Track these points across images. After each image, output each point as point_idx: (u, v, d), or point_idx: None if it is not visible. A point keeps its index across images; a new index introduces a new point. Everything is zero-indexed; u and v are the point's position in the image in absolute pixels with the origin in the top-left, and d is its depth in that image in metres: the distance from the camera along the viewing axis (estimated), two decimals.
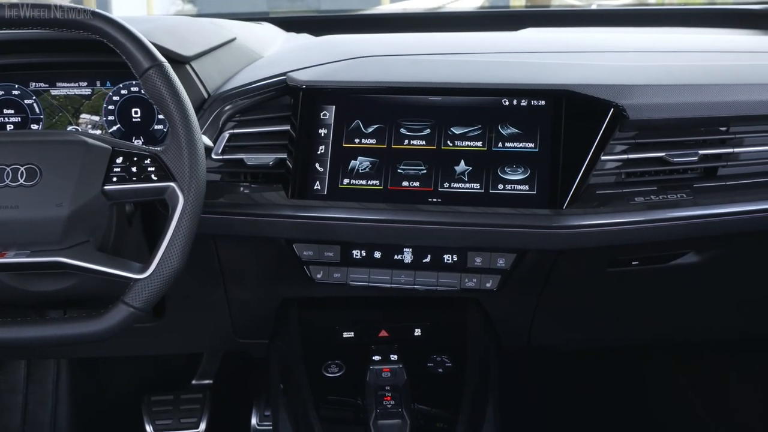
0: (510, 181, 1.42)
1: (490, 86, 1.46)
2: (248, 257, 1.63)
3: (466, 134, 1.44)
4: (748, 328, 1.95)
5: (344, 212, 1.45)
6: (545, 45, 1.76)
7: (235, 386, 2.42)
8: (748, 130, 1.49)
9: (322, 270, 1.55)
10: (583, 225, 1.40)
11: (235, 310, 1.75)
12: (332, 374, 1.56)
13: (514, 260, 1.50)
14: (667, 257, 1.59)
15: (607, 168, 1.46)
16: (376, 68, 1.56)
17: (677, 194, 1.45)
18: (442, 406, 1.52)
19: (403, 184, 1.44)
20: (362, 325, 1.67)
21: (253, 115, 1.52)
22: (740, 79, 1.51)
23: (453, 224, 1.43)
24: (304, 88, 1.48)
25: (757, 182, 1.49)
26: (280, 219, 1.46)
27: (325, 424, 1.48)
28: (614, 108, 1.41)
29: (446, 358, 1.59)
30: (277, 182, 1.49)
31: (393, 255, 1.53)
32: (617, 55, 1.66)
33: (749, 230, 1.49)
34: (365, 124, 1.46)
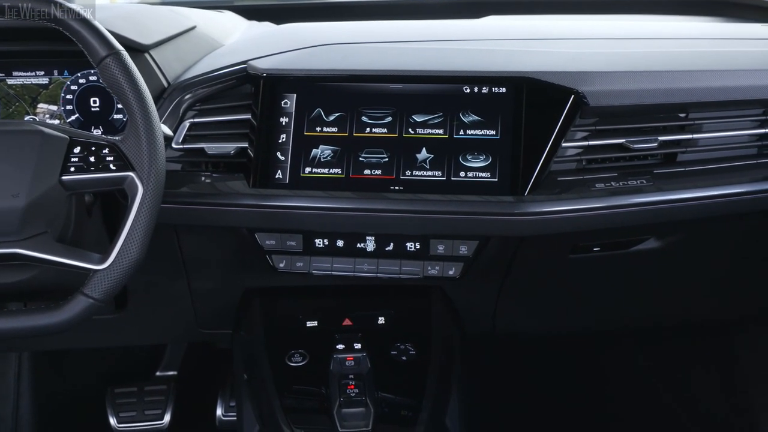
0: (472, 168, 1.42)
1: (451, 74, 1.46)
2: (210, 247, 1.62)
3: (427, 122, 1.44)
4: (710, 312, 1.97)
5: (306, 201, 1.44)
6: (507, 32, 1.77)
7: (200, 377, 2.40)
8: (706, 117, 1.50)
9: (285, 259, 1.55)
10: (544, 212, 1.41)
11: (197, 300, 1.74)
12: (296, 363, 1.55)
13: (477, 247, 1.51)
14: (628, 243, 1.61)
15: (568, 155, 1.47)
16: (338, 56, 1.56)
17: (637, 180, 1.46)
18: (405, 394, 1.52)
19: (365, 173, 1.44)
20: (326, 314, 1.67)
21: (214, 103, 1.51)
22: (699, 66, 1.53)
23: (415, 212, 1.43)
24: (264, 76, 1.47)
25: (715, 168, 1.51)
26: (241, 208, 1.45)
27: (288, 413, 1.48)
28: (574, 95, 1.41)
29: (410, 346, 1.59)
30: (238, 171, 1.48)
31: (356, 243, 1.52)
32: (578, 42, 1.67)
33: (708, 215, 1.51)
34: (326, 113, 1.46)
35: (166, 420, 2.25)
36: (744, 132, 1.53)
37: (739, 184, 1.50)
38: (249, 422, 1.58)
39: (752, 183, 1.51)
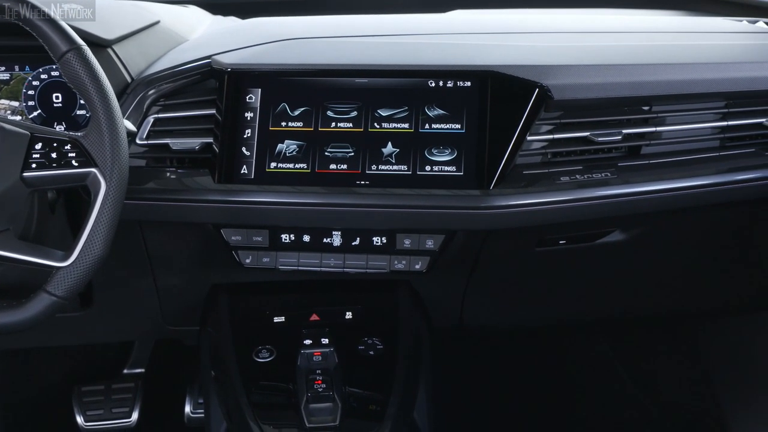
0: (437, 162, 1.42)
1: (416, 68, 1.46)
2: (176, 243, 1.61)
3: (393, 116, 1.44)
4: (674, 304, 1.99)
5: (272, 196, 1.43)
6: (472, 26, 1.77)
7: (168, 374, 2.39)
8: (669, 109, 1.52)
9: (251, 255, 1.54)
10: (509, 205, 1.42)
11: (164, 297, 1.72)
12: (263, 359, 1.55)
13: (443, 241, 1.51)
14: (593, 236, 1.62)
15: (533, 148, 1.47)
16: (303, 51, 1.55)
17: (602, 173, 1.47)
18: (373, 388, 1.52)
19: (331, 167, 1.43)
20: (293, 310, 1.66)
21: (178, 99, 1.49)
22: (663, 59, 1.54)
23: (381, 206, 1.43)
24: (229, 71, 1.46)
25: (679, 160, 1.52)
26: (207, 204, 1.44)
27: (256, 409, 1.47)
28: (539, 88, 1.42)
29: (377, 341, 1.59)
30: (203, 167, 1.47)
31: (322, 238, 1.52)
32: (543, 35, 1.68)
33: (672, 207, 1.52)
34: (292, 107, 1.45)
35: (133, 418, 2.23)
36: (707, 125, 1.55)
37: (702, 177, 1.52)
38: (216, 419, 1.58)
39: (715, 175, 1.53)
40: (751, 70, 1.54)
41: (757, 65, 1.56)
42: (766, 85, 1.54)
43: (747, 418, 2.20)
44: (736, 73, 1.53)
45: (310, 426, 1.42)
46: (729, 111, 1.55)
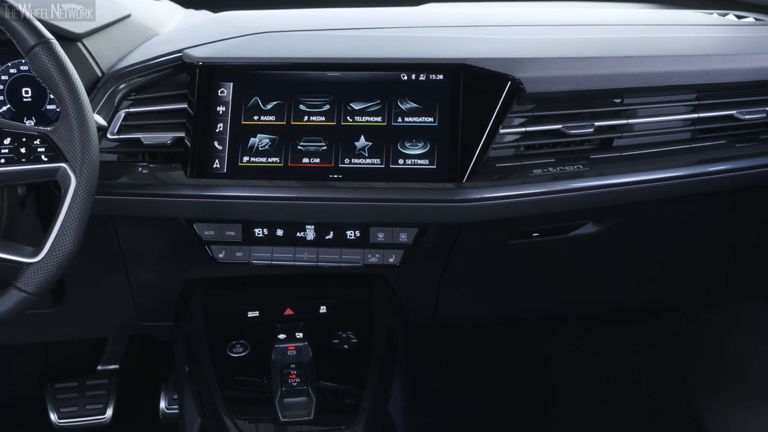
0: (410, 155, 1.42)
1: (389, 61, 1.45)
2: (148, 239, 1.61)
3: (365, 110, 1.44)
4: (647, 296, 2.00)
5: (244, 190, 1.43)
6: (444, 19, 1.77)
7: (143, 370, 2.37)
8: (641, 102, 1.52)
9: (224, 249, 1.54)
10: (482, 198, 1.42)
11: (137, 293, 1.71)
12: (237, 354, 1.54)
13: (416, 235, 1.51)
14: (566, 228, 1.62)
15: (505, 141, 1.48)
16: (274, 44, 1.55)
17: (574, 165, 1.48)
18: (348, 382, 1.52)
19: (304, 161, 1.43)
20: (267, 304, 1.66)
21: (150, 93, 1.48)
22: (634, 52, 1.55)
23: (354, 200, 1.43)
24: (200, 65, 1.45)
25: (650, 152, 1.53)
26: (179, 199, 1.44)
27: (230, 404, 1.46)
28: (511, 81, 1.42)
29: (351, 335, 1.58)
30: (175, 161, 1.46)
31: (295, 232, 1.52)
32: (515, 28, 1.68)
33: (643, 199, 1.53)
34: (264, 101, 1.44)
35: (108, 414, 2.22)
36: (678, 117, 1.56)
37: (674, 169, 1.53)
38: (190, 415, 1.57)
39: (686, 167, 1.54)
40: (721, 62, 1.55)
41: (727, 57, 1.57)
42: (736, 77, 1.55)
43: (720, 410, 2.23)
44: (706, 65, 1.54)
45: (285, 420, 1.41)
46: (700, 103, 1.55)
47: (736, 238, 1.83)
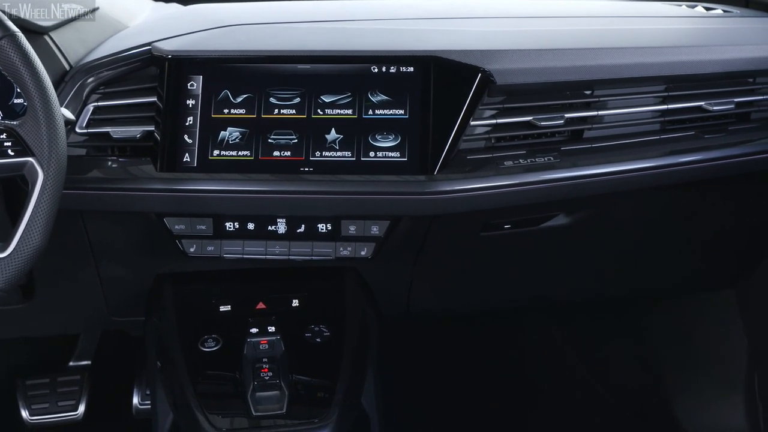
0: (381, 148, 1.42)
1: (359, 53, 1.45)
2: (118, 233, 1.59)
3: (336, 102, 1.43)
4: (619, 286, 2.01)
5: (215, 184, 1.42)
6: (415, 12, 1.77)
7: (115, 366, 2.36)
8: (611, 93, 1.53)
9: (195, 243, 1.53)
10: (454, 190, 1.42)
11: (107, 288, 1.70)
12: (209, 349, 1.54)
13: (388, 227, 1.51)
14: (538, 220, 1.63)
15: (477, 133, 1.48)
16: (244, 37, 1.54)
17: (545, 157, 1.49)
18: (320, 376, 1.52)
19: (274, 154, 1.43)
20: (239, 298, 1.65)
21: (119, 86, 1.47)
22: (604, 44, 1.55)
23: (325, 193, 1.43)
24: (170, 58, 1.44)
25: (620, 144, 1.54)
26: (149, 193, 1.43)
27: (202, 399, 1.46)
28: (481, 73, 1.42)
29: (324, 328, 1.58)
30: (145, 155, 1.45)
31: (267, 226, 1.51)
32: (485, 21, 1.69)
33: (614, 190, 1.54)
34: (234, 94, 1.44)
35: (80, 411, 2.20)
36: (647, 108, 1.57)
37: (643, 160, 1.54)
38: (163, 410, 1.56)
39: (656, 158, 1.55)
40: (689, 54, 1.56)
41: (696, 49, 1.58)
42: (704, 68, 1.56)
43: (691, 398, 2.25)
44: (675, 57, 1.55)
45: (257, 414, 1.41)
46: (669, 95, 1.57)
47: (705, 228, 1.84)
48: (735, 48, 1.60)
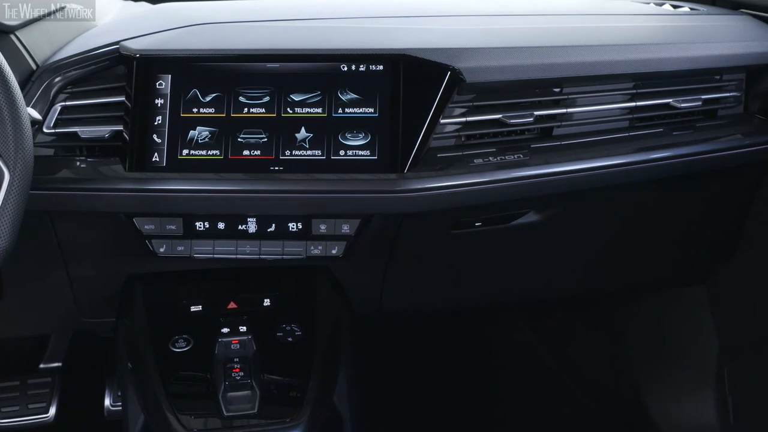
0: (351, 146, 1.42)
1: (328, 52, 1.45)
2: (87, 234, 1.58)
3: (305, 101, 1.43)
4: (590, 283, 2.02)
5: (184, 183, 1.42)
6: (385, 10, 1.77)
7: (87, 368, 2.34)
8: (579, 91, 1.54)
9: (165, 244, 1.52)
10: (424, 188, 1.42)
11: (77, 288, 1.69)
12: (180, 349, 1.53)
13: (359, 226, 1.51)
14: (508, 217, 1.64)
15: (446, 131, 1.48)
16: (213, 36, 1.53)
17: (515, 155, 1.49)
18: (292, 375, 1.51)
19: (244, 153, 1.42)
20: (210, 298, 1.64)
21: (86, 86, 1.46)
22: (572, 41, 1.56)
23: (295, 192, 1.43)
24: (138, 57, 1.43)
25: (589, 141, 1.55)
26: (118, 193, 1.42)
27: (174, 400, 1.45)
28: (451, 71, 1.43)
29: (296, 327, 1.58)
30: (114, 155, 1.44)
31: (237, 225, 1.51)
32: (455, 18, 1.69)
33: (583, 188, 1.55)
34: (203, 93, 1.43)
35: (51, 413, 2.18)
36: (616, 105, 1.58)
37: (612, 157, 1.55)
38: (134, 412, 1.55)
39: (625, 155, 1.56)
40: (657, 51, 1.57)
41: (663, 47, 1.59)
42: (671, 66, 1.57)
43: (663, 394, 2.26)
44: (643, 54, 1.56)
45: (228, 414, 1.41)
46: (637, 92, 1.58)
47: (674, 225, 1.85)
48: (701, 45, 1.61)
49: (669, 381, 2.27)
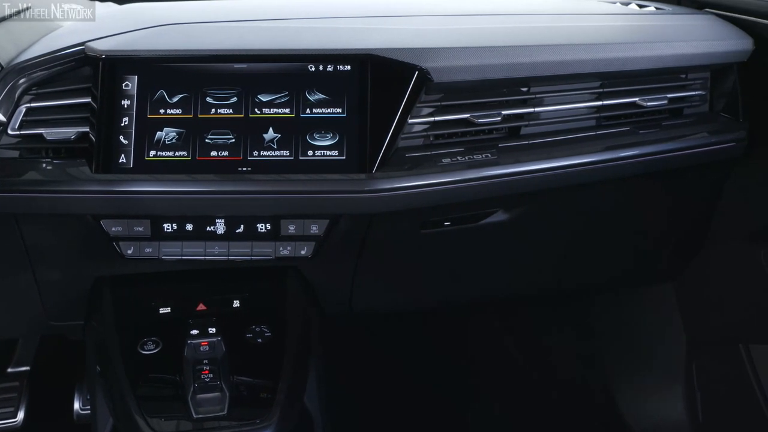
0: (319, 147, 1.42)
1: (296, 52, 1.45)
2: (54, 236, 1.56)
3: (273, 101, 1.43)
4: (560, 281, 2.03)
5: (152, 185, 1.41)
6: (352, 10, 1.77)
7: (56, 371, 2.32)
8: (547, 90, 1.55)
9: (133, 246, 1.51)
10: (392, 188, 1.43)
11: (44, 291, 1.67)
12: (149, 352, 1.52)
13: (327, 226, 1.51)
14: (477, 216, 1.64)
15: (415, 131, 1.49)
16: (180, 36, 1.52)
17: (483, 154, 1.50)
18: (262, 376, 1.51)
19: (212, 154, 1.42)
20: (179, 300, 1.63)
21: (52, 87, 1.45)
22: (539, 41, 1.57)
23: (264, 193, 1.42)
24: (104, 58, 1.42)
25: (557, 140, 1.56)
26: (84, 195, 1.41)
27: (142, 403, 1.44)
28: (418, 71, 1.43)
29: (265, 328, 1.57)
30: (80, 157, 1.43)
31: (205, 226, 1.50)
32: (422, 18, 1.69)
33: (551, 186, 1.56)
34: (170, 94, 1.42)
35: (19, 418, 2.16)
36: (583, 105, 1.60)
37: (580, 156, 1.56)
38: (102, 415, 1.54)
39: (592, 154, 1.57)
40: (622, 51, 1.58)
41: (629, 46, 1.60)
42: (637, 65, 1.59)
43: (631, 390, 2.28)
44: (609, 53, 1.57)
45: (198, 416, 1.40)
46: (604, 91, 1.60)
47: (642, 223, 1.87)
48: (666, 45, 1.63)
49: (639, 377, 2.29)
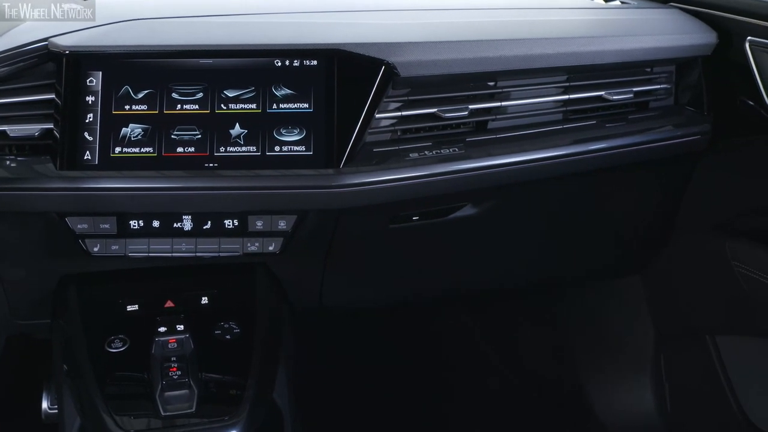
0: (286, 142, 1.42)
1: (262, 47, 1.44)
2: (18, 234, 1.54)
3: (239, 97, 1.42)
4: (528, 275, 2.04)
5: (117, 182, 1.40)
6: (319, 5, 1.76)
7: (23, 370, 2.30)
8: (514, 84, 1.56)
9: (99, 243, 1.50)
10: (360, 183, 1.43)
11: (9, 290, 1.66)
12: (116, 350, 1.50)
13: (295, 222, 1.51)
14: (445, 211, 1.64)
15: (382, 126, 1.49)
16: (145, 31, 1.51)
17: (450, 149, 1.50)
18: (231, 373, 1.50)
19: (178, 150, 1.41)
20: (147, 297, 1.62)
21: (15, 83, 1.43)
22: (506, 35, 1.57)
23: (231, 188, 1.41)
24: (67, 53, 1.40)
25: (524, 134, 1.57)
26: (49, 192, 1.40)
27: (110, 401, 1.43)
28: (385, 66, 1.43)
29: (234, 325, 1.57)
30: (45, 154, 1.41)
31: (172, 223, 1.49)
32: (389, 13, 1.68)
33: (519, 180, 1.57)
34: (135, 90, 1.41)
35: None
36: (550, 99, 1.60)
37: (547, 149, 1.57)
38: (70, 415, 1.52)
39: (559, 148, 1.58)
40: (590, 44, 1.59)
41: (596, 40, 1.61)
42: (603, 59, 1.60)
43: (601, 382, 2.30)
44: (575, 47, 1.58)
45: (166, 414, 1.39)
46: (570, 85, 1.60)
47: (609, 216, 1.88)
48: (632, 38, 1.64)
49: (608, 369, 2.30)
